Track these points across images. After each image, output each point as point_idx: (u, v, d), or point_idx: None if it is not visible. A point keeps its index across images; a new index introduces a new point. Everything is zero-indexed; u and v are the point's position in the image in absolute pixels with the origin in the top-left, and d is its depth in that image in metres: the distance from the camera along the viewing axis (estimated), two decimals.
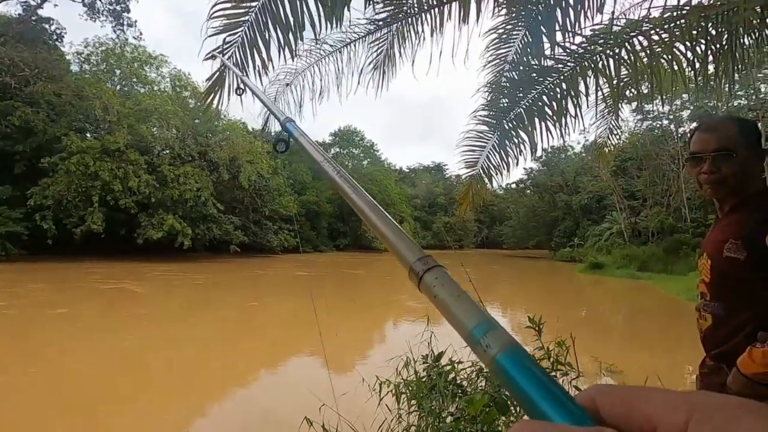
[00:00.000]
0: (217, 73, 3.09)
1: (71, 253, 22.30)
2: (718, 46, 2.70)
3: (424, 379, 2.36)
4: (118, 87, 25.97)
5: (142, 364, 6.47)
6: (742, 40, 2.70)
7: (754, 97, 20.23)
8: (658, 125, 27.71)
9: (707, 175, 1.35)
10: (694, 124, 1.50)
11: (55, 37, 25.66)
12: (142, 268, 19.57)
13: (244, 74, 2.89)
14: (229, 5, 2.69)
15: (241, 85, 1.28)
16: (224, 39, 2.80)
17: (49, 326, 8.46)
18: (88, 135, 24.14)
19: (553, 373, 2.02)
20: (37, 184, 21.34)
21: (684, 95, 21.58)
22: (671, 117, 26.43)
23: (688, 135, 1.50)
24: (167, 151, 25.13)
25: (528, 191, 46.75)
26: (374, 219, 0.45)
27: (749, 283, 1.24)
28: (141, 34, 27.81)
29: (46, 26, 25.22)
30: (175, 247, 24.25)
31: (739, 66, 2.83)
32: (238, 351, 7.48)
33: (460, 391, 2.13)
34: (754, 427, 0.18)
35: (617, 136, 5.08)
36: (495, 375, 0.26)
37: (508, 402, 1.79)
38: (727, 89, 3.19)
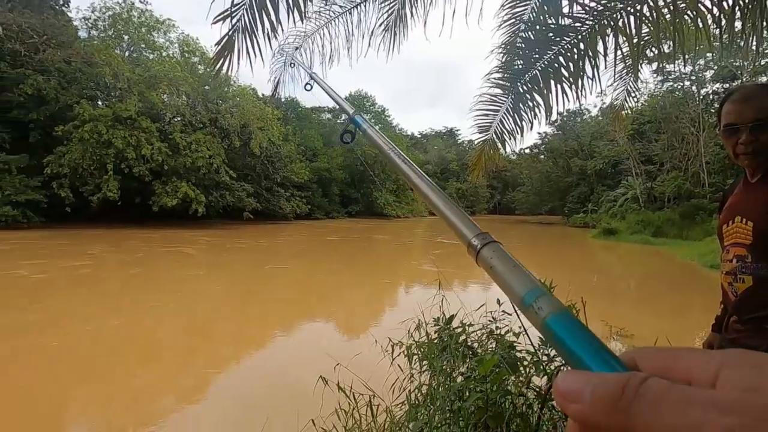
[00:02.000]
0: (226, 37, 3.04)
1: (89, 221, 22.85)
2: (746, 0, 2.57)
3: (435, 341, 2.42)
4: (126, 53, 25.75)
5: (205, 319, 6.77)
6: None
7: None
8: (679, 86, 26.73)
9: (745, 146, 1.36)
10: (726, 93, 1.47)
11: (61, 2, 25.34)
12: (183, 233, 20.92)
13: (254, 38, 2.84)
14: None
15: (311, 81, 1.31)
16: (232, 1, 2.74)
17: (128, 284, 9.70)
18: (100, 103, 24.18)
19: None
20: (53, 152, 21.63)
21: (708, 55, 20.67)
22: (693, 77, 25.45)
23: (718, 105, 1.48)
24: (178, 119, 25.12)
25: (542, 156, 46.05)
26: (436, 200, 0.51)
27: None
28: None
29: None
30: (189, 214, 24.62)
31: None
32: (266, 309, 7.71)
33: (470, 352, 2.18)
34: None
35: (635, 99, 4.93)
36: (545, 335, 0.29)
37: (517, 363, 1.83)
38: (754, 47, 3.05)
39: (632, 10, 2.78)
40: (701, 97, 25.34)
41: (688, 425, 0.19)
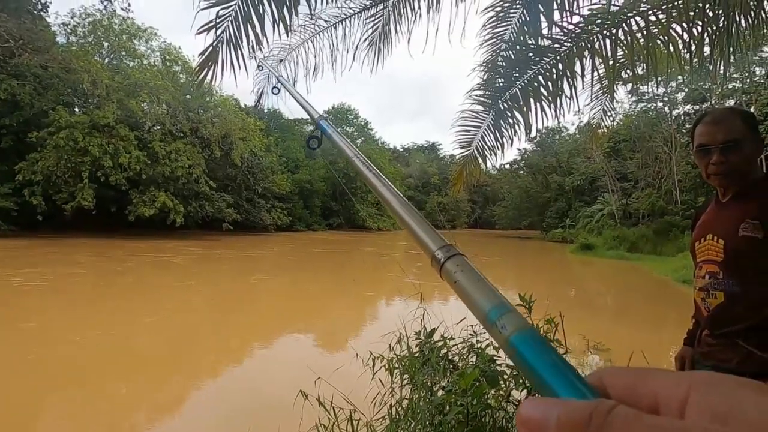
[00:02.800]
0: (210, 48, 3.03)
1: (61, 230, 22.17)
2: (714, 27, 2.70)
3: (416, 355, 2.42)
4: (106, 60, 25.34)
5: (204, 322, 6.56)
6: (738, 22, 2.70)
7: (748, 80, 20.22)
8: (652, 107, 27.68)
9: (716, 166, 1.42)
10: (699, 115, 1.56)
11: (39, 6, 24.88)
12: (165, 244, 20.54)
13: (239, 50, 2.85)
14: None
15: (278, 85, 1.34)
16: (217, 12, 2.74)
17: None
18: (77, 109, 23.69)
19: None
20: (25, 159, 21.01)
21: (679, 77, 21.50)
22: (666, 99, 26.39)
23: (690, 127, 1.57)
24: (158, 127, 24.76)
25: (521, 172, 46.81)
26: (399, 210, 0.49)
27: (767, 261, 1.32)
28: (129, 5, 27.03)
29: None
30: (167, 224, 24.13)
31: (735, 48, 2.83)
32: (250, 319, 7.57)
33: (451, 366, 2.19)
34: (753, 401, 0.19)
35: (611, 118, 5.10)
36: (509, 355, 0.28)
37: (497, 377, 1.85)
38: (722, 71, 3.19)
39: (608, 34, 2.89)
40: (673, 117, 26.26)
41: None
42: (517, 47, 3.53)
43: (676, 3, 2.64)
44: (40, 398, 4.43)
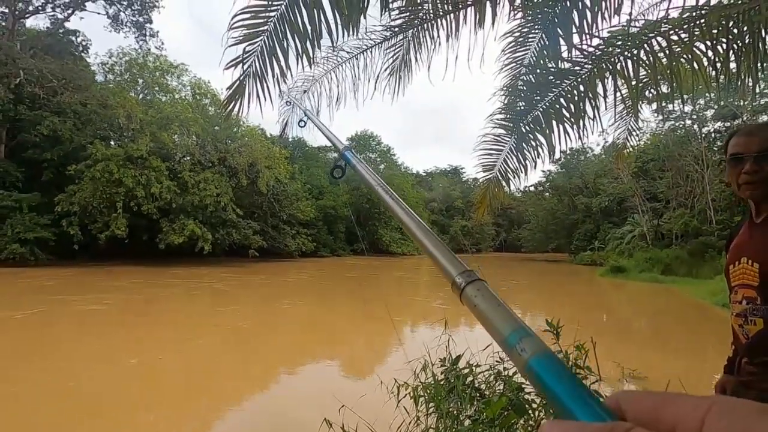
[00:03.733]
0: (237, 82, 3.16)
1: (96, 258, 22.94)
2: (740, 44, 2.66)
3: (442, 382, 2.37)
4: (140, 96, 26.65)
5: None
6: (764, 38, 2.65)
7: None
8: (680, 125, 27.08)
9: (749, 175, 1.37)
10: (731, 131, 1.52)
11: (81, 48, 26.56)
12: (201, 270, 21.27)
13: (264, 83, 2.96)
14: (248, 15, 2.75)
15: (304, 118, 1.41)
16: (244, 48, 2.87)
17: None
18: (113, 143, 24.85)
19: None
20: (64, 191, 22.03)
21: (707, 94, 21.06)
22: (694, 117, 25.81)
23: (725, 142, 1.52)
24: (188, 158, 25.66)
25: (547, 194, 46.19)
26: (420, 236, 0.50)
27: None
28: (162, 44, 28.76)
29: (73, 38, 26.14)
30: (195, 251, 24.68)
31: (763, 64, 2.77)
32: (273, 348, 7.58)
33: (478, 394, 2.13)
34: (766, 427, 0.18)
35: (637, 138, 5.00)
36: (528, 377, 0.29)
37: (526, 405, 1.79)
38: (751, 87, 3.12)
39: (629, 55, 2.87)
40: (703, 135, 25.59)
41: None
42: (537, 71, 3.55)
43: (698, 22, 2.61)
44: (71, 426, 4.50)
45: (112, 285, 15.34)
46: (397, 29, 3.40)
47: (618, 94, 3.15)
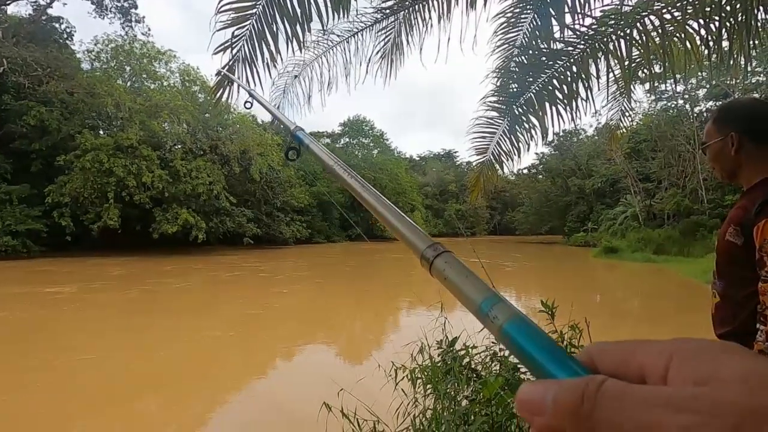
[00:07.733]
0: (226, 67, 3.11)
1: (89, 249, 22.81)
2: (732, 21, 2.64)
3: (439, 364, 2.40)
4: (128, 83, 26.18)
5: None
6: (757, 15, 2.63)
7: None
8: (672, 105, 27.11)
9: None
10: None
11: (65, 35, 25.95)
12: (191, 260, 21.07)
13: (254, 68, 2.92)
14: None
15: (249, 99, 1.27)
16: (232, 33, 2.82)
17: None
18: (101, 132, 24.50)
19: None
20: (54, 182, 21.78)
21: (700, 74, 21.05)
22: (687, 96, 25.83)
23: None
24: (179, 146, 25.38)
25: (540, 176, 46.30)
26: (385, 213, 0.49)
27: (743, 266, 1.25)
28: (149, 30, 27.93)
29: (56, 25, 25.53)
30: (189, 240, 24.59)
31: (755, 42, 2.76)
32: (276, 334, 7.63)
33: (474, 374, 2.16)
34: (731, 364, 0.19)
35: (630, 118, 5.01)
36: (503, 343, 0.29)
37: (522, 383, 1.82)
38: (743, 65, 3.11)
39: (622, 34, 2.86)
40: (695, 114, 25.66)
41: (644, 428, 0.19)
42: (530, 52, 3.52)
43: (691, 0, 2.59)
44: (69, 415, 4.52)
45: (110, 274, 15.30)
46: (388, 11, 3.35)
47: (611, 74, 3.14)
